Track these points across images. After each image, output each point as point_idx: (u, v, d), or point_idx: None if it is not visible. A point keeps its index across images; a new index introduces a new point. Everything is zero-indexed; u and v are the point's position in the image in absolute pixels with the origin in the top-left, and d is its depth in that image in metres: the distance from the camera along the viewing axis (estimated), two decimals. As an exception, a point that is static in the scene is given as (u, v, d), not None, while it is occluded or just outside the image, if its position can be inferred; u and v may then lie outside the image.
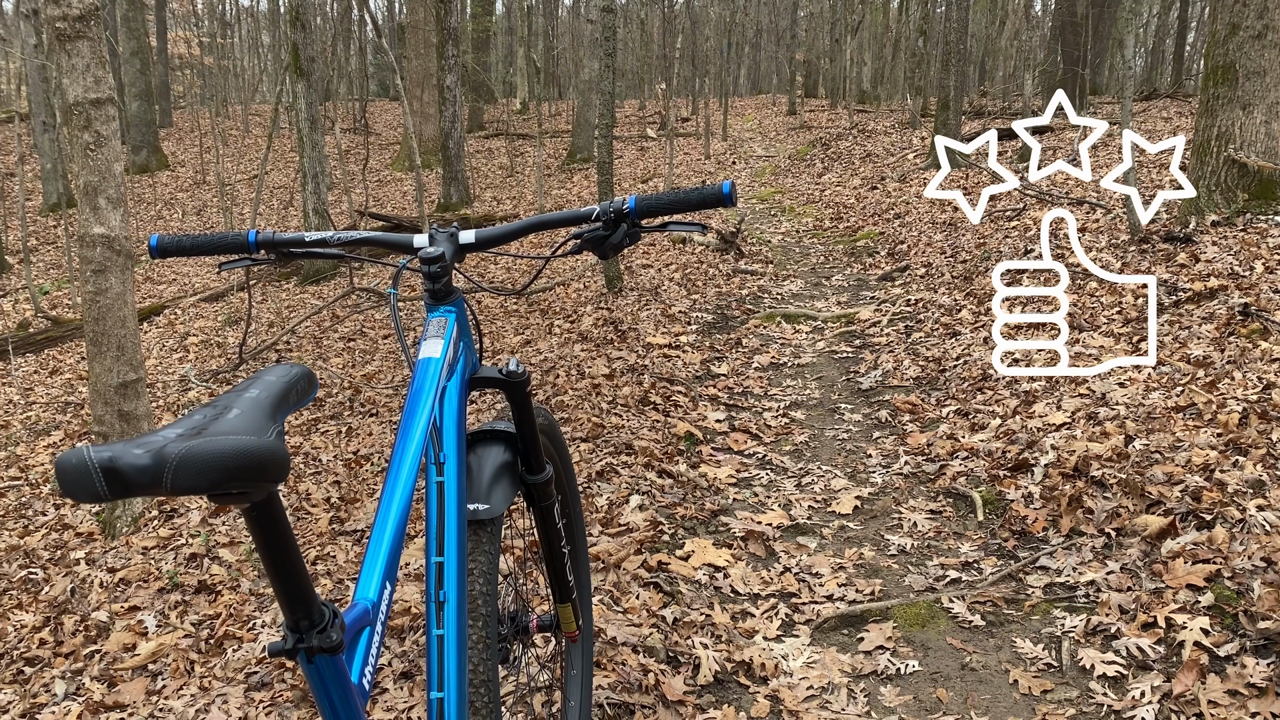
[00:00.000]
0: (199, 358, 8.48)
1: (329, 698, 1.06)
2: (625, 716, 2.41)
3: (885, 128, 17.31)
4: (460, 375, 1.61)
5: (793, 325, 6.49)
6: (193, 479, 0.80)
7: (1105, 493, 3.26)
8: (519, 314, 7.43)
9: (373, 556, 1.25)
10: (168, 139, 24.64)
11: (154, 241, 1.63)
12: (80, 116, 4.07)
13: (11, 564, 4.26)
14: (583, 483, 3.78)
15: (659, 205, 1.59)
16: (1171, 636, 2.56)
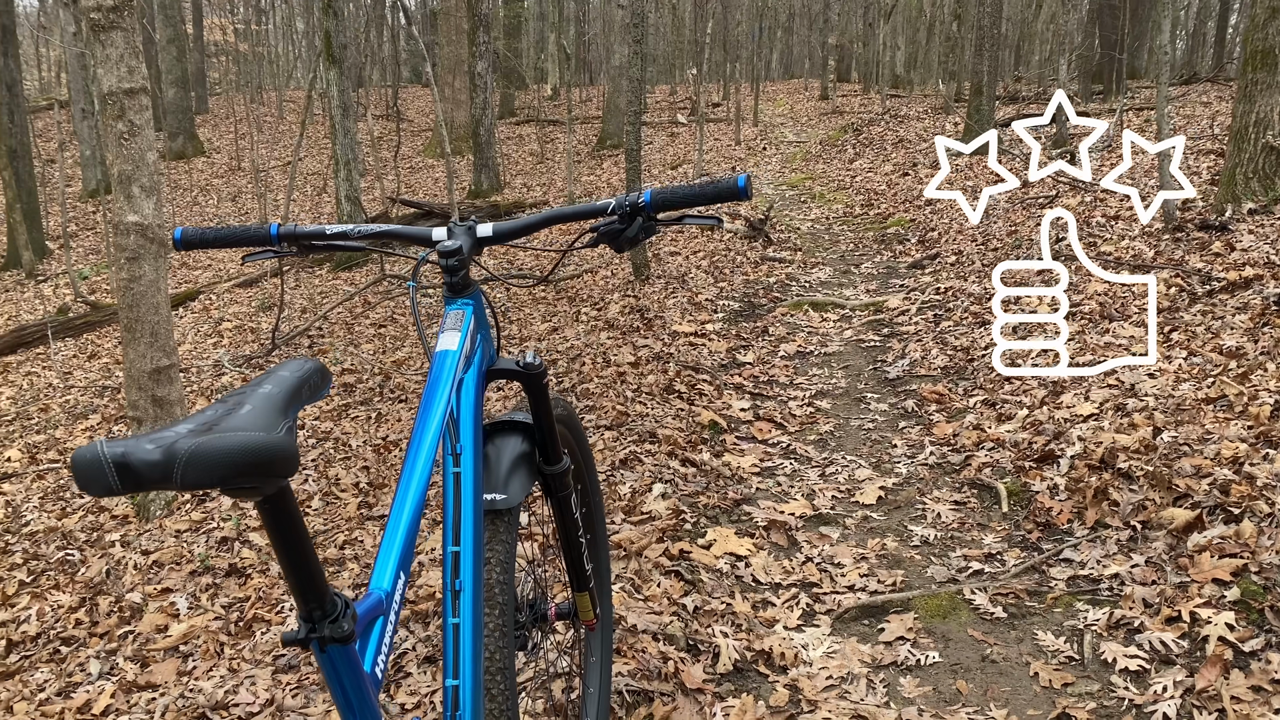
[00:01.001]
0: (233, 343, 8.59)
1: (341, 686, 1.09)
2: (644, 704, 2.43)
3: (918, 113, 17.14)
4: (478, 367, 1.63)
5: (820, 313, 6.46)
6: (201, 475, 0.83)
7: (1131, 485, 3.23)
8: (547, 301, 7.46)
9: (387, 547, 1.27)
10: (204, 125, 24.89)
11: (178, 234, 1.66)
12: (114, 106, 4.13)
13: (50, 545, 4.36)
14: (606, 471, 3.81)
15: (674, 199, 1.59)
16: (1196, 631, 2.54)
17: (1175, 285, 5.09)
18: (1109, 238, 6.39)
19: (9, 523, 4.81)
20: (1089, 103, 16.25)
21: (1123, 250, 6.02)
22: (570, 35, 29.54)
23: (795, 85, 29.71)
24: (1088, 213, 7.28)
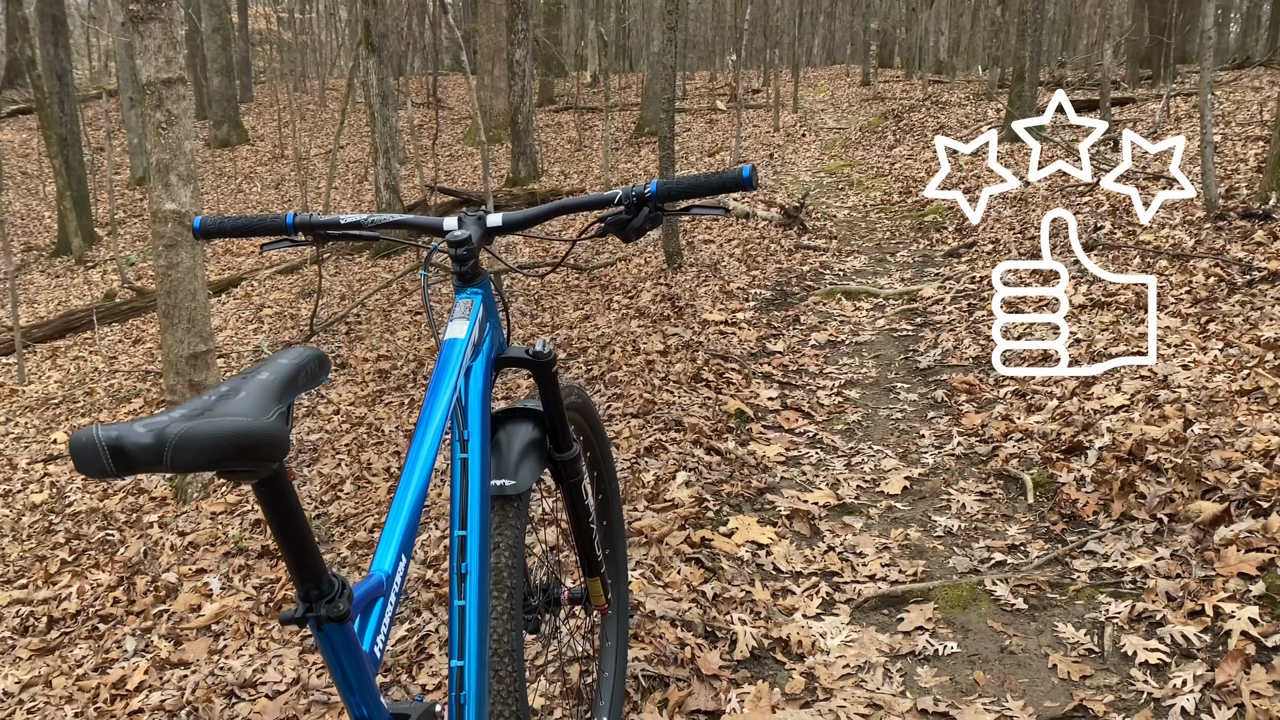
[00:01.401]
0: (273, 329, 8.73)
1: (339, 664, 1.12)
2: (659, 689, 2.46)
3: (960, 99, 16.93)
4: (486, 355, 1.65)
5: (853, 302, 6.43)
6: (190, 457, 0.86)
7: (1159, 477, 3.19)
8: (580, 290, 7.49)
9: (390, 531, 1.30)
10: (248, 113, 25.21)
11: (197, 224, 1.70)
12: (152, 95, 4.22)
13: (91, 525, 4.48)
14: (630, 458, 3.83)
15: (679, 189, 1.61)
16: (1219, 625, 2.52)
17: (1214, 275, 5.01)
18: (1148, 226, 6.28)
19: (53, 503, 4.95)
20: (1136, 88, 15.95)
21: (1162, 239, 5.92)
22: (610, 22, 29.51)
23: (837, 71, 29.45)
24: (1128, 200, 7.16)
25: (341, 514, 4.04)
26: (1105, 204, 7.20)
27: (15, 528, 4.69)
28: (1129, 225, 6.42)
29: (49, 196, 18.99)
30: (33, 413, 7.00)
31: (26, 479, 5.45)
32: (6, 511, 4.98)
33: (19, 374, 8.52)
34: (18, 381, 8.37)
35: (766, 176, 12.36)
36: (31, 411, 7.05)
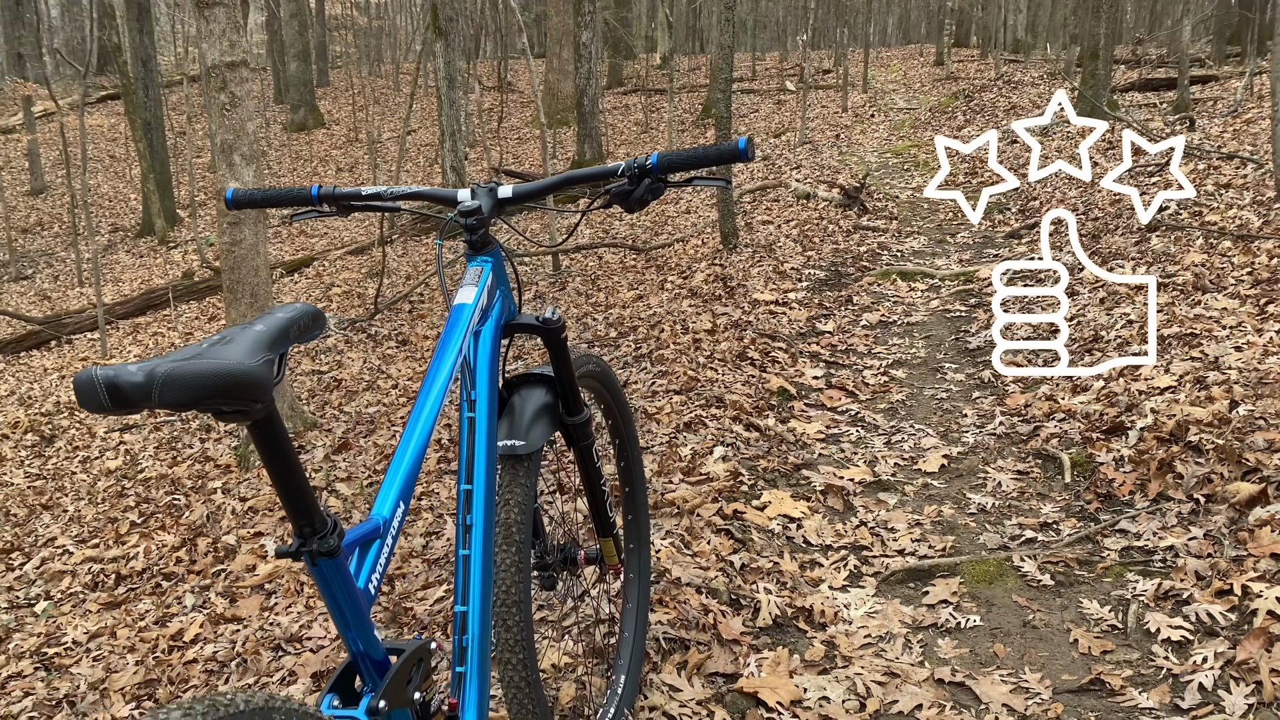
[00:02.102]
0: (340, 307, 8.97)
1: (333, 596, 1.21)
2: (680, 651, 2.53)
3: (1034, 79, 16.55)
4: (495, 320, 1.73)
5: (908, 283, 6.39)
6: (176, 395, 0.95)
7: (1199, 458, 3.15)
8: (635, 270, 7.56)
9: (390, 479, 1.39)
10: (324, 98, 25.73)
11: (230, 195, 1.81)
12: (217, 78, 4.39)
13: (159, 490, 4.70)
14: (669, 433, 3.90)
15: (679, 161, 1.66)
16: (1245, 604, 2.50)
17: (1278, 256, 4.87)
18: (1216, 206, 6.12)
19: (126, 469, 5.20)
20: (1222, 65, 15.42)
21: (1228, 219, 5.77)
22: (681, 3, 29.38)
23: (911, 51, 28.95)
24: (1198, 180, 6.98)
25: (392, 483, 4.18)
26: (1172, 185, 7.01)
27: (91, 491, 4.95)
28: (1195, 205, 6.26)
29: (134, 179, 19.69)
30: (112, 385, 7.33)
31: (104, 447, 5.73)
32: (84, 476, 5.25)
33: (102, 349, 8.91)
34: (100, 355, 8.76)
35: (830, 157, 12.27)
36: (111, 383, 7.38)
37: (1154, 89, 13.59)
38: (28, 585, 3.96)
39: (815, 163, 11.82)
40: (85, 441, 5.93)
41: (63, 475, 5.37)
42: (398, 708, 1.29)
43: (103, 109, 25.40)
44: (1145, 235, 5.87)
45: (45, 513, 4.82)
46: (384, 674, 1.29)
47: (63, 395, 7.31)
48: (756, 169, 12.15)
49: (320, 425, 5.04)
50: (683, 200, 11.00)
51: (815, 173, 10.89)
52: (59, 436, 6.22)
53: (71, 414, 6.70)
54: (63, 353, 9.68)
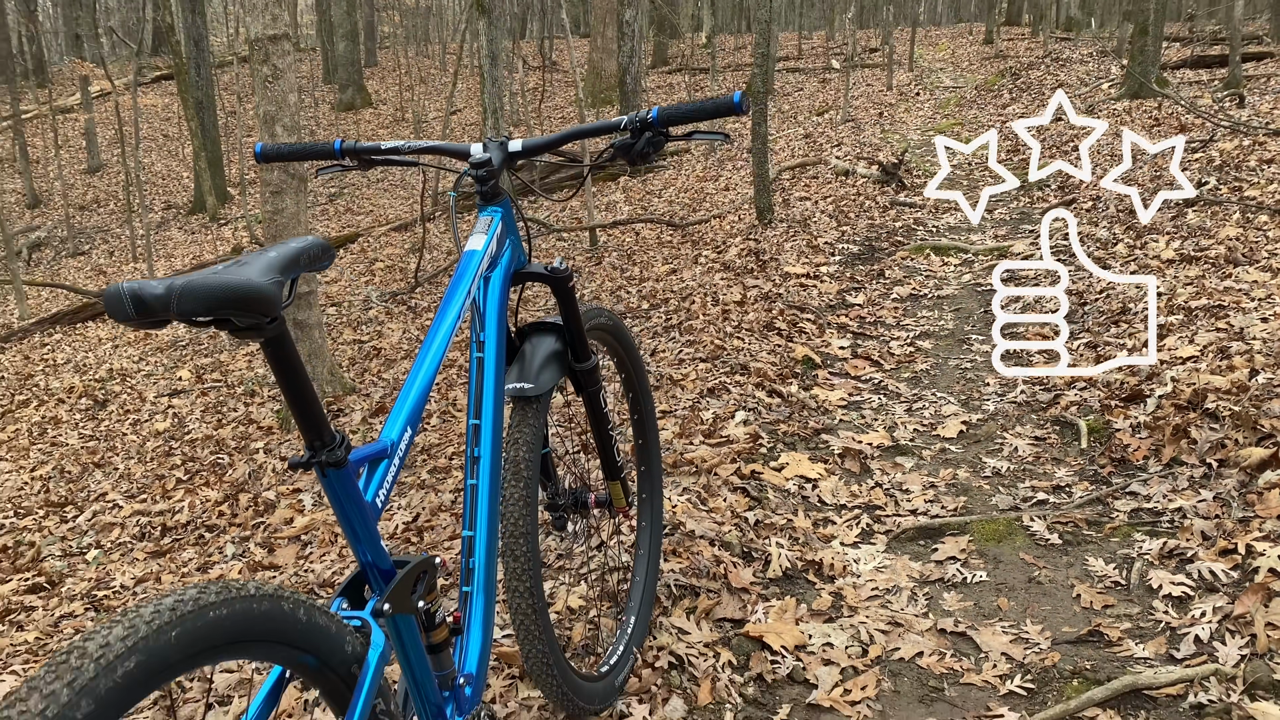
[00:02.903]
0: (383, 280, 9.16)
1: (341, 505, 1.32)
2: (690, 597, 2.62)
3: (1083, 56, 16.29)
4: (504, 268, 1.83)
5: (941, 258, 6.40)
6: (191, 305, 1.06)
7: (1215, 424, 3.18)
8: (671, 245, 7.64)
9: (399, 405, 1.50)
10: (372, 78, 26.02)
11: (259, 149, 1.93)
12: (259, 51, 4.53)
13: (205, 450, 4.89)
14: (693, 398, 3.98)
15: (677, 114, 1.74)
16: (1248, 563, 2.53)
17: (1314, 229, 4.83)
18: (1257, 181, 6.05)
19: (174, 431, 5.40)
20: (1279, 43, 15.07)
21: (1268, 194, 5.71)
22: (726, -18, 29.21)
23: (960, 30, 28.58)
24: (1243, 156, 6.89)
25: (426, 444, 4.32)
26: (1216, 159, 6.93)
27: (140, 451, 5.15)
28: (1236, 180, 6.19)
29: (186, 158, 20.12)
30: (162, 352, 7.57)
31: (153, 410, 5.95)
32: (134, 437, 5.46)
33: (154, 319, 9.19)
34: (152, 326, 9.04)
35: (872, 135, 12.21)
36: (161, 351, 7.63)
37: (1206, 66, 13.33)
38: (80, 536, 4.15)
39: (856, 140, 11.78)
40: (136, 406, 6.16)
41: (114, 436, 5.59)
42: (401, 612, 1.40)
43: (157, 89, 25.93)
44: (1183, 210, 5.83)
45: (97, 470, 5.03)
46: (389, 583, 1.40)
47: (115, 363, 7.58)
48: (798, 146, 12.14)
49: (359, 390, 5.20)
50: (722, 177, 11.03)
51: (855, 150, 10.86)
52: (111, 401, 6.45)
53: (124, 380, 6.94)
54: (116, 324, 9.98)
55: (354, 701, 1.25)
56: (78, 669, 0.90)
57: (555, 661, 1.93)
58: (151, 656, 0.96)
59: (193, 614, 1.02)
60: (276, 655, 1.17)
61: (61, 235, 16.85)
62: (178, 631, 1.00)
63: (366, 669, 1.27)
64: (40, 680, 0.88)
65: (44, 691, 0.87)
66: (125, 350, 8.18)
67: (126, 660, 0.93)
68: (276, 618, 1.13)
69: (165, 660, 0.97)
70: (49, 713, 0.85)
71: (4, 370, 8.52)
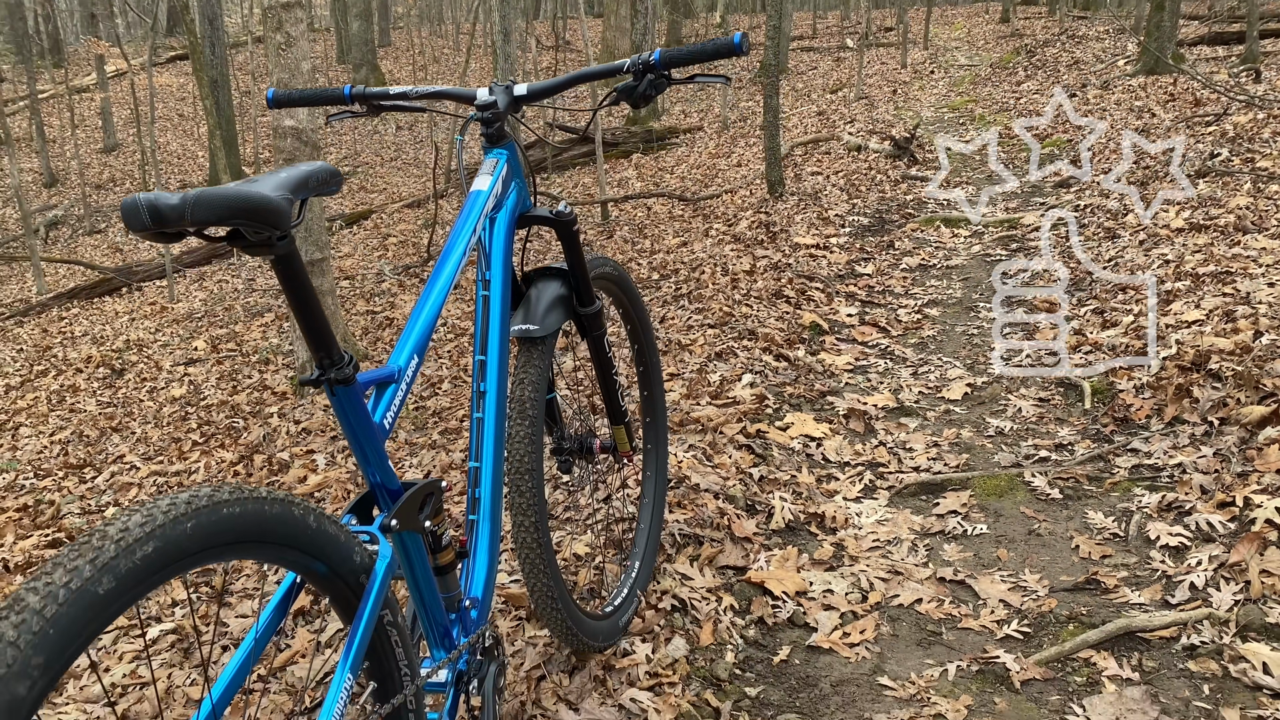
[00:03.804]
0: (395, 255, 9.22)
1: (350, 424, 1.37)
2: (693, 545, 2.67)
3: (1099, 34, 16.17)
4: (509, 210, 1.87)
5: (951, 229, 6.41)
6: (205, 214, 1.10)
7: (1217, 384, 3.20)
8: (682, 219, 7.66)
9: (407, 334, 1.55)
10: (385, 58, 26.03)
11: (270, 94, 1.97)
12: (273, 19, 4.57)
13: (220, 415, 4.96)
14: (701, 362, 4.03)
15: (679, 56, 1.78)
16: (1245, 514, 2.57)
17: (1325, 198, 4.82)
18: (1270, 153, 6.03)
19: (190, 397, 5.48)
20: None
21: (1279, 166, 5.69)
22: (740, -39, 29.05)
23: (977, 9, 28.37)
24: (1257, 129, 6.86)
25: (438, 407, 4.38)
26: (1230, 132, 6.91)
27: (157, 416, 5.23)
28: (1249, 152, 6.17)
29: (201, 137, 20.21)
30: (179, 324, 7.66)
31: (169, 378, 6.03)
32: (151, 404, 5.55)
33: (169, 293, 9.27)
34: (168, 300, 9.12)
35: (886, 112, 12.18)
36: (177, 324, 7.71)
37: (1224, 43, 13.21)
38: (98, 495, 4.23)
39: (870, 117, 11.75)
40: (152, 374, 6.24)
41: (131, 403, 5.68)
42: (408, 529, 1.45)
43: (171, 69, 26.01)
44: (1194, 181, 5.81)
45: (115, 434, 5.12)
46: (396, 502, 1.45)
47: (132, 335, 7.66)
48: (811, 123, 12.12)
49: (371, 358, 5.26)
50: (735, 154, 11.03)
51: (868, 126, 10.84)
52: (128, 370, 6.54)
53: (140, 350, 7.03)
54: (133, 298, 10.09)
55: (361, 607, 1.30)
56: (99, 549, 0.95)
57: (560, 596, 1.98)
58: (168, 544, 1.01)
59: (207, 508, 1.07)
60: (287, 559, 1.22)
61: (78, 213, 16.97)
62: (193, 523, 1.05)
63: (374, 577, 1.32)
64: (65, 557, 0.94)
65: (68, 566, 0.92)
66: (142, 323, 8.27)
67: (145, 545, 0.98)
68: (287, 521, 1.19)
69: (181, 549, 1.03)
70: (73, 585, 0.91)
71: (23, 342, 8.63)
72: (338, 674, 1.24)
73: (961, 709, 2.08)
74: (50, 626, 0.88)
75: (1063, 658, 2.21)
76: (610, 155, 12.94)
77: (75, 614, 0.91)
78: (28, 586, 0.90)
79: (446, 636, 1.60)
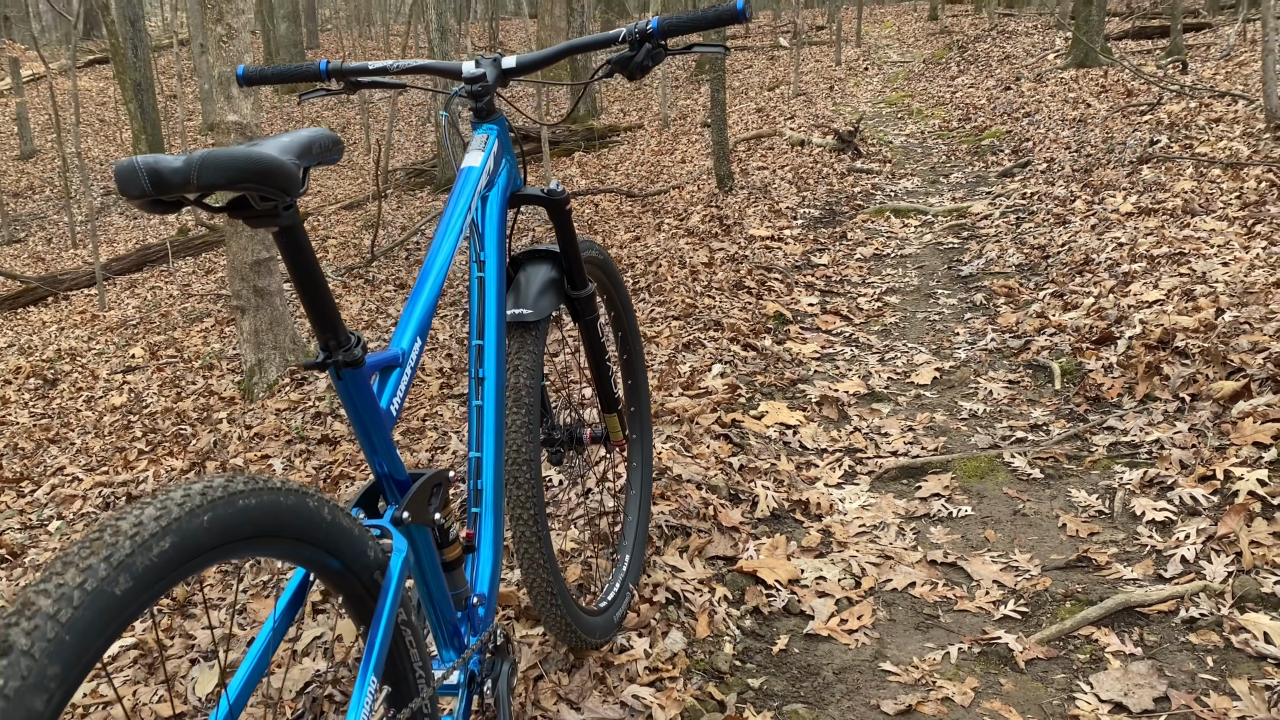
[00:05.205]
0: (337, 256, 9.01)
1: (357, 411, 1.28)
2: (681, 536, 2.61)
3: (1027, 28, 16.50)
4: (501, 188, 1.79)
5: (902, 219, 6.45)
6: (212, 176, 1.00)
7: (1185, 360, 3.23)
8: (632, 214, 7.60)
9: (407, 316, 1.46)
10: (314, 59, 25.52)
11: (240, 71, 1.86)
12: (213, 10, 4.40)
13: (165, 422, 4.77)
14: (669, 353, 3.97)
15: (679, 24, 1.70)
16: (1227, 487, 2.58)
17: (1267, 181, 4.93)
18: (1207, 139, 6.17)
19: (131, 405, 5.26)
20: (1216, 15, 15.39)
21: (1218, 150, 5.82)
22: (672, -39, 29.10)
23: (904, 7, 28.82)
24: (1190, 117, 7.02)
25: (396, 408, 4.24)
26: (1165, 120, 7.06)
27: (98, 426, 5.01)
28: (1186, 138, 6.31)
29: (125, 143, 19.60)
30: (113, 332, 7.38)
31: (107, 387, 5.79)
32: (90, 413, 5.31)
33: (100, 301, 8.94)
34: (99, 308, 8.80)
35: (824, 108, 12.26)
36: (111, 331, 7.43)
37: (1147, 37, 13.57)
38: (39, 509, 4.03)
39: (809, 113, 11.82)
40: (89, 383, 5.99)
41: (68, 413, 5.43)
42: (418, 523, 1.36)
43: (90, 73, 25.20)
44: (1137, 167, 5.92)
45: (53, 446, 4.89)
46: (405, 494, 1.36)
47: (64, 344, 7.36)
48: (751, 119, 12.15)
49: (322, 360, 5.10)
50: (678, 150, 11.01)
51: (809, 122, 10.89)
52: (62, 380, 6.27)
53: (74, 359, 6.75)
54: (60, 308, 9.71)
55: (379, 606, 1.21)
56: (113, 545, 0.85)
57: (560, 592, 1.90)
58: (185, 539, 0.92)
59: (223, 500, 0.98)
60: (302, 554, 1.12)
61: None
62: (210, 516, 0.95)
63: (390, 574, 1.23)
64: (75, 555, 0.84)
65: (80, 565, 0.82)
66: (73, 332, 7.95)
67: (161, 540, 0.89)
68: (303, 514, 1.09)
69: (199, 544, 0.93)
70: (87, 585, 0.81)
71: (-56, 356, 8.24)
72: (360, 679, 1.15)
73: (968, 691, 2.05)
74: (66, 632, 0.78)
75: (1064, 635, 2.19)
76: (551, 154, 12.83)
77: (92, 618, 0.81)
78: (37, 588, 0.80)
79: (456, 635, 1.51)
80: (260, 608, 2.69)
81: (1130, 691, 1.99)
